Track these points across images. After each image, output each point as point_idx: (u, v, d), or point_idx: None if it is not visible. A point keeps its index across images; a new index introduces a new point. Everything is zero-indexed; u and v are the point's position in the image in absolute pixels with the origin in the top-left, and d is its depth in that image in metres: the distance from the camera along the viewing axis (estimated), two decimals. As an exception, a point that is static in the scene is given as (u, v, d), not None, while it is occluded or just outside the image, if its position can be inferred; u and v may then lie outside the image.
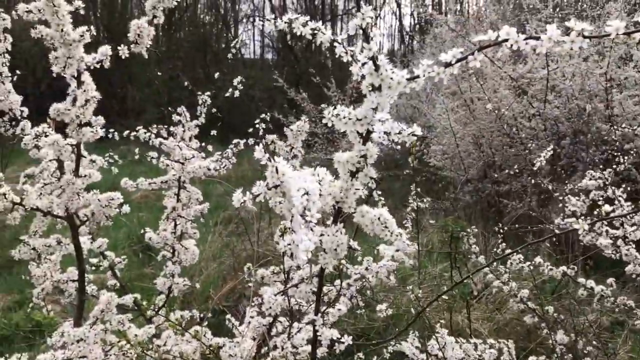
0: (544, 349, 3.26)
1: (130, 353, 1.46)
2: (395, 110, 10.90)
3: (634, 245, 1.86)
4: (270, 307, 1.41)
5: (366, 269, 1.90)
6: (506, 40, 0.96)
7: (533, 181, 5.38)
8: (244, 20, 23.79)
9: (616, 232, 1.85)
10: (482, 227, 5.49)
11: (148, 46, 1.36)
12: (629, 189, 5.28)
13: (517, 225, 4.66)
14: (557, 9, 6.91)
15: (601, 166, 5.49)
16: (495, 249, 3.47)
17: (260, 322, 1.73)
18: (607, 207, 1.63)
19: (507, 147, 6.52)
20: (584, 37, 0.91)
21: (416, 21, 20.56)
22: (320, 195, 1.16)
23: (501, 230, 3.88)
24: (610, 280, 2.13)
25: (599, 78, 5.76)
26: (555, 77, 6.13)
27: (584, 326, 2.87)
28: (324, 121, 1.10)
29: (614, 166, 2.54)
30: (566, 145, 5.90)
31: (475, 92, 6.83)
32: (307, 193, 0.92)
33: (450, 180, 7.27)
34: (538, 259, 2.19)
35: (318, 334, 1.36)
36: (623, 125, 4.89)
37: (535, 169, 2.97)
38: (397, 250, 1.87)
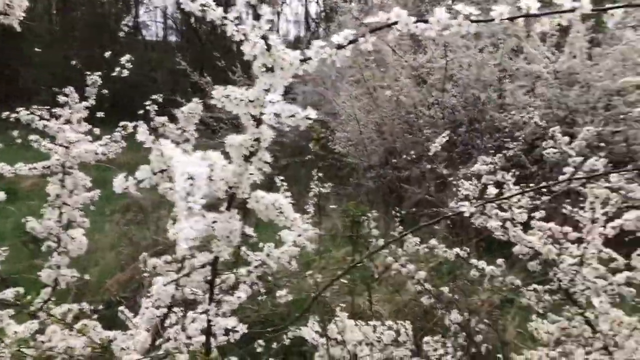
0: (441, 327, 3.39)
1: (4, 353, 1.35)
2: (301, 97, 10.94)
3: (521, 227, 1.95)
4: (159, 298, 1.34)
5: (267, 255, 1.88)
6: (396, 22, 0.95)
7: (430, 167, 5.58)
8: (144, 0, 22.84)
9: (504, 215, 1.94)
10: (383, 212, 5.63)
11: (21, 18, 1.24)
12: (517, 173, 5.56)
13: (414, 209, 4.81)
14: (454, 0, 7.16)
15: (492, 152, 5.77)
16: (393, 232, 3.56)
17: (154, 313, 1.66)
18: (493, 190, 1.69)
19: (407, 134, 6.71)
20: (471, 21, 0.92)
21: (322, 8, 20.66)
22: (211, 180, 1.12)
23: (399, 214, 3.98)
24: (500, 260, 2.23)
25: (493, 68, 6.04)
26: (453, 67, 6.36)
27: (476, 305, 3.00)
28: (212, 102, 1.05)
29: (504, 152, 2.67)
30: (462, 132, 6.15)
31: (377, 81, 6.96)
32: (191, 177, 0.87)
33: (355, 167, 7.38)
34: (433, 242, 2.25)
35: (212, 323, 1.31)
36: (512, 112, 5.15)
37: (430, 154, 3.07)
38: (299, 236, 1.86)
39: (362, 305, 3.81)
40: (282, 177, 3.25)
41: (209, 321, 1.31)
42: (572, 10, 0.86)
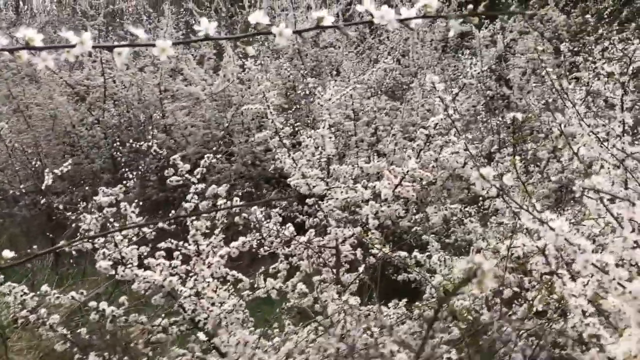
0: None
1: None
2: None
3: (137, 264, 1.86)
4: None
5: None
6: None
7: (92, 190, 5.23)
8: None
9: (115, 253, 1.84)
10: (40, 243, 5.09)
11: None
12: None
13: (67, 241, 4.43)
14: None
15: (157, 174, 5.71)
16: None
17: None
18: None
19: (68, 156, 6.19)
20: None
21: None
22: None
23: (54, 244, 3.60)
24: (123, 298, 2.12)
25: (154, 88, 6.00)
26: (115, 86, 6.13)
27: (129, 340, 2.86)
28: None
29: (125, 182, 2.58)
30: (125, 153, 5.94)
31: (30, 98, 6.29)
32: None
33: (5, 195, 6.50)
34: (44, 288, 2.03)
35: None
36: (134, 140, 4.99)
37: (43, 188, 2.81)
38: None
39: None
40: None
41: None
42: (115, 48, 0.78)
